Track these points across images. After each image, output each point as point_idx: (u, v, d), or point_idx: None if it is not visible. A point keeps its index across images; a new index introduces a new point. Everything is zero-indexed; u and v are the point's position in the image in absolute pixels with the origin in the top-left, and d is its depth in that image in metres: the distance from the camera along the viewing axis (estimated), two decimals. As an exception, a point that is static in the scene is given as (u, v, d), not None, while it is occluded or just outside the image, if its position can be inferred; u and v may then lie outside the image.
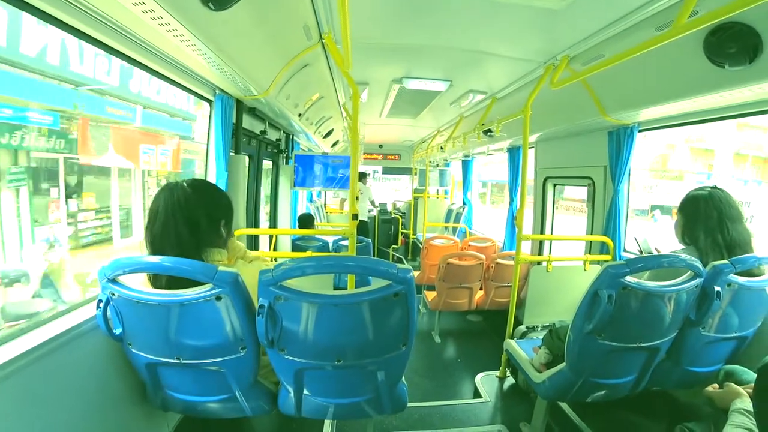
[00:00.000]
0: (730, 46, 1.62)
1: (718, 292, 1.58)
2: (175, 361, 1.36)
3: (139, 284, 1.32)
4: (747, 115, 2.08)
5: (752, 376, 1.51)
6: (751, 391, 1.30)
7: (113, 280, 1.27)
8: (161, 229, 1.34)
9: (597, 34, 2.02)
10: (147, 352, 1.38)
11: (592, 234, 3.19)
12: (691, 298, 1.61)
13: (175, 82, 2.11)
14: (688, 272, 1.59)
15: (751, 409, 1.23)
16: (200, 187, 1.44)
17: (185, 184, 1.39)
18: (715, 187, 1.80)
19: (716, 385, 1.48)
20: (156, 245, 1.34)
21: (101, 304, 1.31)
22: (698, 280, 1.57)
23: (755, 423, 1.18)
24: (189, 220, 1.35)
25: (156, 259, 1.28)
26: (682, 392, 2.10)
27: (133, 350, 1.39)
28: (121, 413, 1.58)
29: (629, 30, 1.90)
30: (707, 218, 1.75)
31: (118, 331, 1.35)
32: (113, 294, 1.28)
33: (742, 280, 1.64)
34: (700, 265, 1.56)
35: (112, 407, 1.53)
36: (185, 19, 1.40)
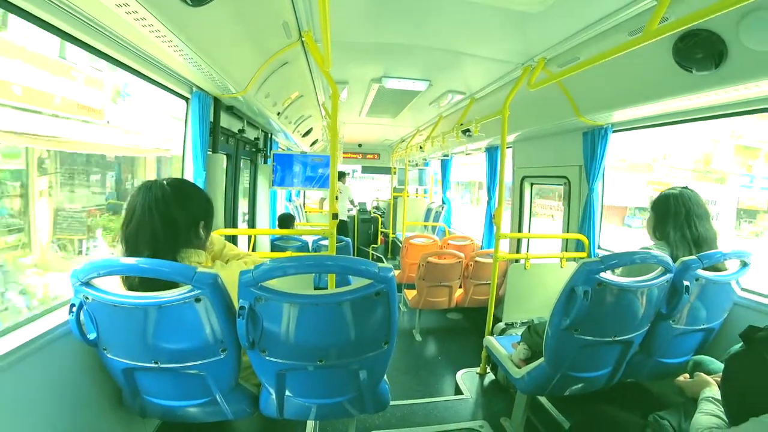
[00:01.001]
0: (697, 51, 1.69)
1: (687, 286, 1.65)
2: (153, 365, 1.32)
3: (113, 287, 1.29)
4: (714, 118, 2.18)
5: (719, 365, 1.59)
6: (718, 380, 1.37)
7: (87, 283, 1.23)
8: (136, 228, 1.30)
9: (573, 38, 2.07)
10: (123, 357, 1.34)
11: (568, 232, 3.27)
12: (662, 293, 1.68)
13: (150, 78, 2.05)
14: (659, 268, 1.65)
15: (719, 397, 1.28)
16: (179, 186, 1.41)
17: (164, 182, 1.36)
18: (685, 188, 1.91)
19: (686, 375, 1.54)
20: (130, 245, 1.31)
21: (74, 309, 1.26)
22: (668, 276, 1.64)
23: (723, 410, 1.24)
24: (166, 219, 1.32)
25: (132, 260, 1.25)
26: (655, 383, 2.19)
27: (108, 355, 1.34)
28: (97, 421, 1.53)
29: (603, 34, 1.96)
30: (676, 215, 1.85)
31: (92, 336, 1.31)
32: (87, 298, 1.24)
33: (709, 274, 1.72)
34: (670, 261, 1.63)
35: (87, 415, 1.47)
36: (161, 14, 1.37)
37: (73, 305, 1.26)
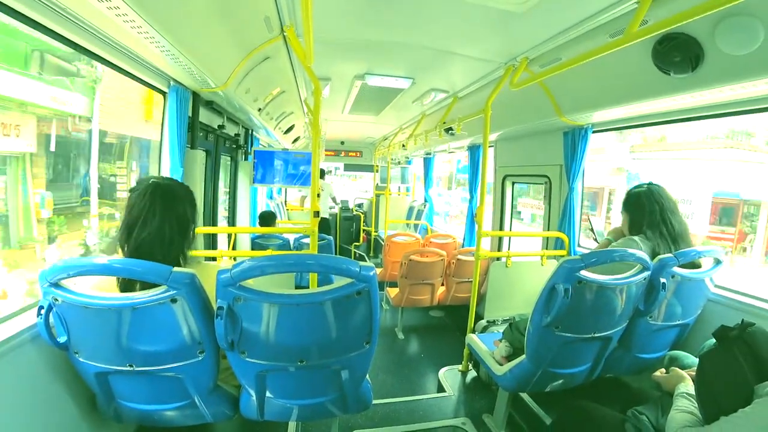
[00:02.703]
0: (675, 54, 1.73)
1: (663, 283, 1.70)
2: (128, 368, 1.28)
3: (89, 289, 1.24)
4: (690, 120, 2.24)
5: (693, 360, 1.64)
6: (693, 374, 1.40)
7: (56, 285, 1.18)
8: (156, 231, 1.27)
9: (555, 38, 2.09)
10: (96, 361, 1.29)
11: (548, 230, 3.31)
12: (639, 290, 1.73)
13: (125, 71, 1.98)
14: (637, 265, 1.69)
15: (693, 393, 1.32)
16: (185, 187, 1.42)
17: (174, 184, 1.35)
18: (651, 183, 1.97)
19: (663, 370, 1.58)
20: (144, 249, 1.27)
21: (42, 311, 1.20)
22: (646, 273, 1.68)
23: (696, 406, 1.28)
24: (182, 223, 1.32)
25: (104, 259, 1.20)
26: (633, 377, 2.24)
27: (80, 359, 1.29)
28: (70, 428, 1.47)
29: (585, 35, 1.98)
30: (651, 212, 1.91)
31: (62, 339, 1.26)
32: (56, 299, 1.18)
33: (684, 272, 1.78)
34: (648, 259, 1.67)
35: (58, 423, 1.41)
36: (136, 3, 1.31)
37: (41, 307, 1.21)
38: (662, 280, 1.70)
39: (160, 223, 1.27)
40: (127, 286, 1.27)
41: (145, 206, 1.28)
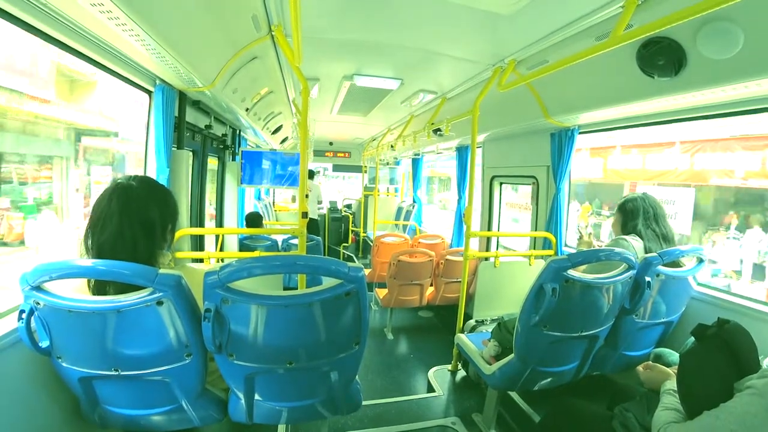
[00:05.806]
0: (659, 58, 1.77)
1: (648, 282, 1.73)
2: (113, 373, 1.25)
3: (70, 292, 1.20)
4: (674, 122, 2.29)
5: (677, 357, 1.67)
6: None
7: (38, 288, 1.15)
8: (115, 233, 1.22)
9: (542, 41, 2.12)
10: (80, 366, 1.25)
11: (536, 230, 3.35)
12: (625, 289, 1.76)
13: (110, 69, 1.94)
14: (623, 265, 1.72)
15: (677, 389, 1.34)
16: (155, 188, 1.36)
17: (137, 183, 1.30)
18: (644, 194, 2.09)
19: (649, 363, 1.61)
20: (106, 251, 1.22)
21: (24, 315, 1.17)
22: (631, 272, 1.71)
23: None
24: (146, 225, 1.26)
25: (89, 262, 1.17)
26: (619, 375, 2.28)
27: (63, 364, 1.26)
28: None
29: (572, 38, 2.01)
30: (646, 213, 2.01)
31: (44, 344, 1.22)
32: (38, 303, 1.15)
33: (668, 270, 1.82)
34: (633, 258, 1.70)
35: (41, 429, 1.37)
36: (122, 1, 1.29)
37: (23, 311, 1.17)
38: (647, 278, 1.73)
39: (119, 224, 1.23)
40: (100, 288, 1.24)
41: (104, 208, 1.24)
